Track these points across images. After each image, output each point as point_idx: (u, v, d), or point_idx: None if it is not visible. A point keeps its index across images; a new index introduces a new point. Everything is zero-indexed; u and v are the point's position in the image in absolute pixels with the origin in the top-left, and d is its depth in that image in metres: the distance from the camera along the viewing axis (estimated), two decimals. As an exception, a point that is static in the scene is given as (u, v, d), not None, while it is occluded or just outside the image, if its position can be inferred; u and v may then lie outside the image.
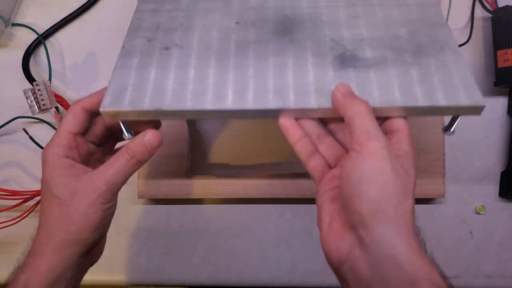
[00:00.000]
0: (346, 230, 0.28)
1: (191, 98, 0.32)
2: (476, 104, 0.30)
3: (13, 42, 0.52)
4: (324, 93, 0.31)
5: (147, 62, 0.34)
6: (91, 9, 0.52)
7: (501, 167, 0.50)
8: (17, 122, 0.50)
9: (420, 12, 0.37)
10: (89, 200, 0.31)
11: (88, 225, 0.32)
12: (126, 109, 0.31)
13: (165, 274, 0.52)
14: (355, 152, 0.28)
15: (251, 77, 0.33)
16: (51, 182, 0.32)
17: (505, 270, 0.50)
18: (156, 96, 0.32)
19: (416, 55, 0.34)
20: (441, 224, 0.50)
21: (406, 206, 0.27)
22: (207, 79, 0.33)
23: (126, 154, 0.33)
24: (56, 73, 0.52)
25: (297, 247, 0.51)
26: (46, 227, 0.32)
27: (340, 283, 0.29)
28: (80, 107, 0.33)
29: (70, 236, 0.31)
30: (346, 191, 0.28)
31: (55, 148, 0.32)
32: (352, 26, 0.36)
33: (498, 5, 0.48)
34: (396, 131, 0.31)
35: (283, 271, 0.51)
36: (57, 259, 0.31)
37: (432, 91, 0.31)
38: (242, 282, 0.52)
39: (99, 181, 0.32)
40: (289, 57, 0.34)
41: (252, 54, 0.35)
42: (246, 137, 0.52)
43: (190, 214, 0.52)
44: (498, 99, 0.50)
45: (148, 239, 0.51)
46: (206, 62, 0.34)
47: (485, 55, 0.50)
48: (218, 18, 0.38)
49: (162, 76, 0.33)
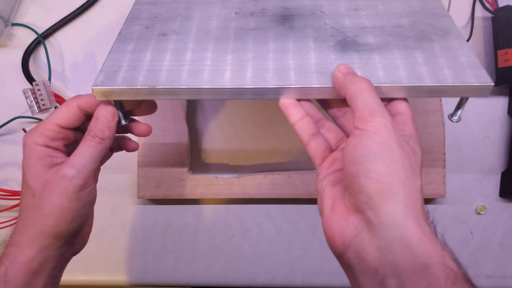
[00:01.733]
0: (351, 213, 0.26)
1: (187, 76, 0.30)
2: (483, 83, 0.29)
3: (12, 42, 0.52)
4: (325, 73, 0.30)
5: (143, 46, 0.33)
6: (91, 9, 0.52)
7: (501, 167, 0.50)
8: (16, 122, 0.50)
9: (421, 4, 0.36)
10: (59, 189, 0.30)
11: (64, 217, 0.30)
12: (119, 87, 0.30)
13: (165, 274, 0.52)
14: (359, 129, 0.26)
15: (250, 59, 0.31)
16: (25, 171, 0.31)
17: (505, 271, 0.50)
18: (151, 74, 0.31)
19: (419, 41, 0.32)
20: (442, 224, 0.50)
21: (415, 184, 0.25)
22: (204, 61, 0.31)
23: (88, 136, 0.31)
24: (56, 73, 0.52)
25: (297, 247, 0.51)
26: (23, 217, 0.31)
27: (345, 270, 0.27)
28: (76, 104, 0.32)
29: (46, 228, 0.30)
30: (351, 170, 0.26)
31: (35, 136, 0.31)
32: (353, 16, 0.35)
33: (499, 4, 0.48)
34: (399, 114, 0.29)
35: (283, 271, 0.51)
36: (35, 250, 0.30)
37: (438, 70, 0.30)
38: (242, 282, 0.52)
39: (66, 167, 0.30)
40: (290, 42, 0.33)
41: (252, 40, 0.34)
42: (246, 137, 0.52)
43: (190, 214, 0.52)
44: (499, 99, 0.49)
45: (148, 240, 0.51)
46: (204, 46, 0.33)
47: (486, 55, 0.50)
48: (218, 9, 0.37)
49: (158, 58, 0.32)
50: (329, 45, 0.33)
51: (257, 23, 0.35)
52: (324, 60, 0.31)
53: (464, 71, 0.30)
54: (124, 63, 0.32)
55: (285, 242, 0.51)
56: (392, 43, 0.32)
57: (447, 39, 0.33)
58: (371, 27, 0.34)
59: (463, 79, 0.29)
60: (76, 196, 0.30)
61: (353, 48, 0.32)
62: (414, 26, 0.34)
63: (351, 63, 0.31)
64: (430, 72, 0.30)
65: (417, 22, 0.34)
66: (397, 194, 0.24)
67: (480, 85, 0.29)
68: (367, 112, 0.26)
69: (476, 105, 0.49)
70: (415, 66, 0.30)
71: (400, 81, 0.29)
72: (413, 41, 0.32)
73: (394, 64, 0.31)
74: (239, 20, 0.36)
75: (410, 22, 0.34)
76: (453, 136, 0.49)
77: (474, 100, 0.49)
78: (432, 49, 0.31)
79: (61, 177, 0.30)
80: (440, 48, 0.32)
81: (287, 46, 0.33)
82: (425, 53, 0.31)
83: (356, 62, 0.31)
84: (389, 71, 0.30)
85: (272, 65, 0.31)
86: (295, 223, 0.51)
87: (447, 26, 0.34)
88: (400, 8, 0.36)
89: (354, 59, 0.31)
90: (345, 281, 0.55)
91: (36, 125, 0.31)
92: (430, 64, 0.30)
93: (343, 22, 0.35)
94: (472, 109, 0.50)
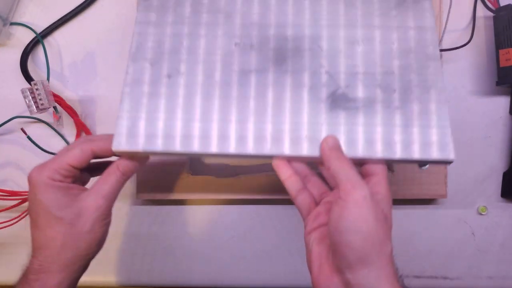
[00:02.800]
0: (335, 273, 0.32)
1: (198, 142, 0.35)
2: (445, 159, 0.35)
3: (11, 41, 0.52)
4: (315, 141, 0.35)
5: (153, 92, 0.36)
6: (90, 8, 0.52)
7: (503, 167, 0.49)
8: (15, 121, 0.50)
9: (418, 37, 0.38)
10: (93, 218, 0.34)
11: (95, 241, 0.35)
12: (140, 150, 0.34)
13: (164, 275, 0.52)
14: (342, 200, 0.31)
15: (251, 122, 0.36)
16: (49, 204, 0.34)
17: (507, 271, 0.49)
18: (168, 140, 0.35)
19: (403, 100, 0.36)
20: (443, 224, 0.50)
21: (386, 249, 0.31)
22: (211, 122, 0.35)
23: (118, 171, 0.36)
24: (54, 73, 0.51)
25: (298, 247, 0.51)
26: (52, 246, 0.34)
27: None
28: (90, 149, 0.35)
29: (79, 252, 0.35)
30: (335, 239, 0.31)
31: (51, 173, 0.34)
32: (348, 55, 0.37)
33: (500, 4, 0.48)
34: (374, 175, 0.34)
35: (283, 272, 0.51)
36: (65, 274, 0.34)
37: (410, 143, 0.35)
38: (242, 283, 0.51)
39: (99, 199, 0.35)
40: (287, 92, 0.36)
41: (253, 87, 0.37)
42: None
43: (189, 215, 0.51)
44: (500, 98, 0.49)
45: (147, 240, 0.51)
46: (211, 99, 0.36)
47: (487, 54, 0.49)
48: (220, 39, 0.38)
49: (171, 117, 0.35)
50: (321, 99, 0.36)
51: (257, 61, 0.37)
52: (315, 122, 0.36)
53: (431, 146, 0.35)
54: (140, 120, 0.35)
55: (285, 242, 0.51)
56: (378, 98, 0.36)
57: (429, 96, 0.36)
58: (363, 73, 0.37)
59: (429, 155, 0.34)
60: (104, 221, 0.36)
61: (342, 105, 0.36)
62: (403, 73, 0.37)
63: (338, 124, 0.35)
64: (402, 146, 0.35)
65: (407, 68, 0.37)
66: (372, 261, 0.30)
67: (443, 159, 0.35)
68: (350, 186, 0.31)
69: (478, 105, 0.49)
70: (391, 137, 0.35)
71: (376, 154, 0.35)
72: (397, 98, 0.36)
73: (373, 134, 0.35)
74: (241, 55, 0.37)
75: (401, 67, 0.37)
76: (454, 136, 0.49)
77: (476, 99, 0.49)
78: (411, 113, 0.36)
79: (96, 208, 0.35)
80: (418, 112, 0.36)
81: (284, 103, 0.36)
82: (403, 117, 0.35)
83: (343, 124, 0.35)
84: (368, 144, 0.35)
85: (270, 130, 0.35)
86: (295, 223, 0.51)
87: (433, 77, 0.37)
88: (396, 42, 0.38)
89: (341, 119, 0.35)
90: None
91: (46, 163, 0.35)
92: (404, 134, 0.35)
93: (338, 63, 0.37)
94: (473, 109, 0.49)
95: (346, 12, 0.38)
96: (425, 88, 0.36)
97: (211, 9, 0.39)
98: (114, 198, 0.36)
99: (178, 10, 0.39)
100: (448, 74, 0.49)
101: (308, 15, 0.39)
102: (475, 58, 0.49)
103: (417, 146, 0.35)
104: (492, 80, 0.49)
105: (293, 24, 0.38)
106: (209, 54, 0.37)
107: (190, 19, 0.38)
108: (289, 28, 0.38)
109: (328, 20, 0.38)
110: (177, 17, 0.38)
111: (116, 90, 0.51)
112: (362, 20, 0.38)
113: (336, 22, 0.38)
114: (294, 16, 0.39)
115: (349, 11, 0.39)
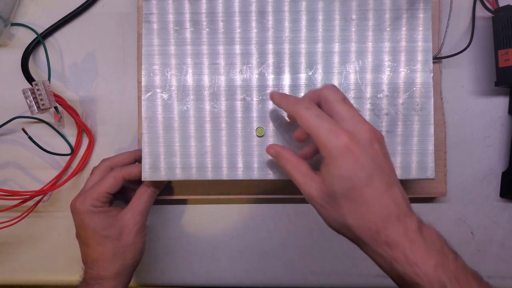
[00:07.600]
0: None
1: (211, 172, 0.42)
2: (425, 178, 0.41)
3: (12, 42, 0.52)
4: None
5: (167, 128, 0.42)
6: (91, 9, 0.52)
7: (502, 167, 0.49)
8: (16, 122, 0.50)
9: (409, 55, 0.41)
10: (134, 231, 0.42)
11: (138, 250, 0.43)
12: (163, 179, 0.42)
13: (164, 275, 0.52)
14: (326, 158, 0.33)
15: (255, 147, 0.42)
16: (96, 227, 0.41)
17: (506, 271, 0.49)
18: (185, 170, 0.42)
19: (391, 121, 0.41)
20: (442, 224, 0.50)
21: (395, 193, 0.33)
22: (221, 156, 0.42)
23: (149, 189, 0.44)
24: (55, 73, 0.52)
25: (298, 247, 0.51)
26: (104, 258, 0.41)
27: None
28: (121, 176, 0.43)
29: (127, 261, 0.42)
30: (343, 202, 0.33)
31: (92, 201, 0.41)
32: (342, 74, 0.41)
33: (499, 4, 0.48)
34: (328, 102, 0.34)
35: (283, 272, 0.51)
36: (117, 280, 0.42)
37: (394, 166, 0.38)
38: (242, 283, 0.51)
39: (136, 216, 0.43)
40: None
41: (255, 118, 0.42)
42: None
43: (190, 215, 0.52)
44: (499, 98, 0.49)
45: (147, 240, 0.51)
46: (218, 127, 0.42)
47: (486, 55, 0.49)
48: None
49: (186, 153, 0.42)
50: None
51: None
52: None
53: (410, 169, 0.41)
54: (160, 157, 0.42)
55: (285, 242, 0.51)
56: (368, 120, 0.39)
57: (416, 118, 0.41)
58: (354, 98, 0.41)
59: (409, 175, 0.41)
60: (143, 233, 0.44)
61: None
62: (392, 96, 0.41)
63: None
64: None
65: (396, 91, 0.41)
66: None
67: (423, 178, 0.41)
68: (325, 137, 0.32)
69: (477, 105, 0.49)
70: None
71: None
72: (385, 120, 0.41)
73: None
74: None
75: (390, 88, 0.41)
76: (453, 136, 0.49)
77: (475, 99, 0.49)
78: (398, 136, 0.41)
79: (135, 223, 0.42)
80: (404, 134, 0.41)
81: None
82: (389, 141, 0.41)
83: None
84: None
85: (257, 161, 0.42)
86: (295, 223, 0.51)
87: (423, 100, 0.41)
88: (388, 59, 0.41)
89: None
90: (344, 281, 0.55)
91: (86, 194, 0.42)
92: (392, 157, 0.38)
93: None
94: (472, 109, 0.49)
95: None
96: (413, 111, 0.41)
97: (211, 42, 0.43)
98: (148, 212, 0.44)
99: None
100: (447, 75, 0.49)
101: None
102: (474, 58, 0.50)
103: (399, 171, 0.41)
104: (491, 80, 0.49)
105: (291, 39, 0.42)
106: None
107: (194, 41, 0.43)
108: (286, 43, 0.42)
109: (324, 32, 0.42)
110: (179, 35, 0.43)
111: (117, 90, 0.51)
112: (358, 34, 0.41)
113: (332, 37, 0.42)
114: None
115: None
